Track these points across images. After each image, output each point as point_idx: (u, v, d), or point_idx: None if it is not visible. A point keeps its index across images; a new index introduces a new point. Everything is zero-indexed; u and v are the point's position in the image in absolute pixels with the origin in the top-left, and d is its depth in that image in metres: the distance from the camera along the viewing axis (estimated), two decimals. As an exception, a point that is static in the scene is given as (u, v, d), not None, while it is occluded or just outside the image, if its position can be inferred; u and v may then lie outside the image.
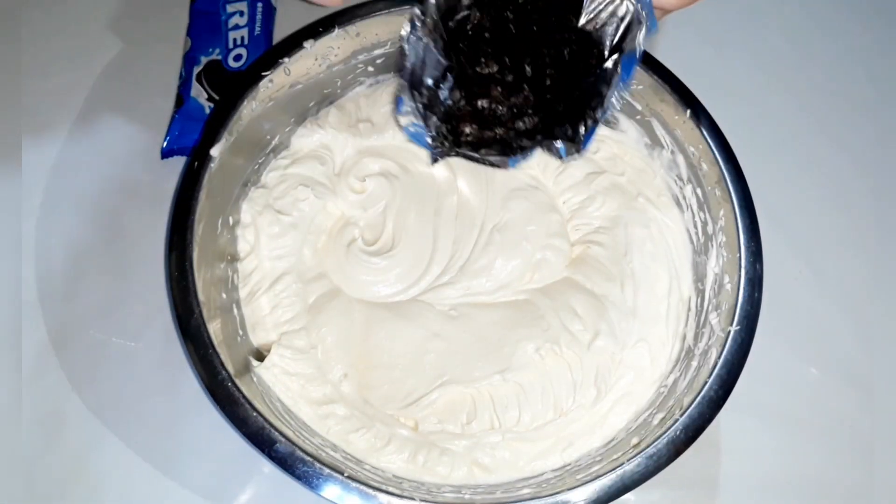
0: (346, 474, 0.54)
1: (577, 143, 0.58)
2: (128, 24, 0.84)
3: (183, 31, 0.81)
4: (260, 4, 0.81)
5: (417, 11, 0.54)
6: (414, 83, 0.57)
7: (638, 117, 0.72)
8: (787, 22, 0.91)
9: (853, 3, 0.92)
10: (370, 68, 0.73)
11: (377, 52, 0.71)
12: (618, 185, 0.73)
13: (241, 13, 0.80)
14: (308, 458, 0.54)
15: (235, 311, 0.65)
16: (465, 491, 0.59)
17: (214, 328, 0.59)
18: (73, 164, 0.77)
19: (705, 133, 0.66)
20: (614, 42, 0.57)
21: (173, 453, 0.67)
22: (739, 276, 0.62)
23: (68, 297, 0.72)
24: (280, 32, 0.82)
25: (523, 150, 0.60)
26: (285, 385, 0.62)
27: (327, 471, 0.54)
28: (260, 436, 0.55)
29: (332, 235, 0.69)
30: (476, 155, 0.60)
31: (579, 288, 0.68)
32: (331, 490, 0.54)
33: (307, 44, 0.67)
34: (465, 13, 0.57)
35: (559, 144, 0.58)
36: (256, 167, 0.70)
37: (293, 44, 0.67)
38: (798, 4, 0.92)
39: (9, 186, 0.76)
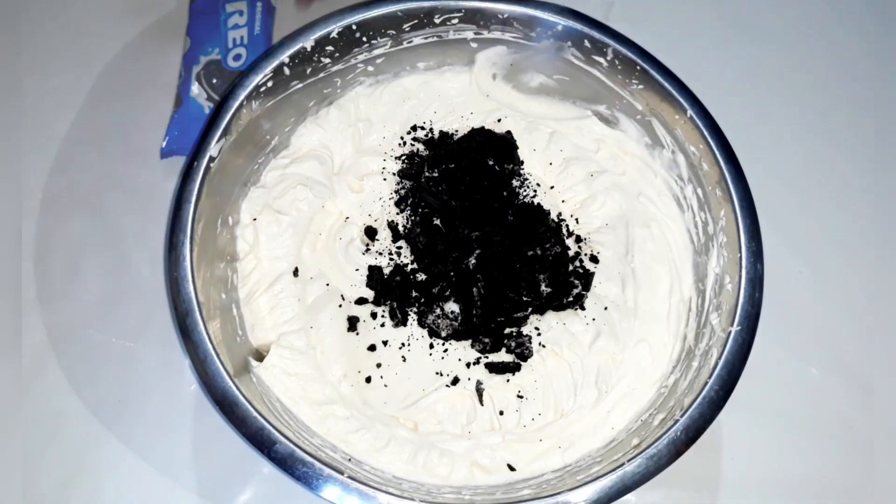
0: (345, 475, 0.54)
1: None
2: (128, 24, 0.84)
3: (183, 30, 0.81)
4: (259, 4, 0.81)
5: None
6: None
7: (638, 117, 0.72)
8: (788, 22, 0.91)
9: (854, 3, 0.92)
10: (370, 68, 0.73)
11: (377, 51, 0.71)
12: (619, 185, 0.73)
13: (241, 13, 0.80)
14: (308, 459, 0.54)
15: (235, 311, 0.65)
16: (465, 492, 0.59)
17: (214, 328, 0.59)
18: (73, 164, 0.77)
19: (706, 133, 0.66)
20: None
21: (173, 453, 0.67)
22: (740, 276, 0.62)
23: (68, 297, 0.72)
24: (280, 32, 0.82)
25: None
26: (285, 385, 0.62)
27: (327, 471, 0.54)
28: (259, 436, 0.55)
29: (331, 235, 0.69)
30: None
31: (579, 288, 0.68)
32: (330, 491, 0.54)
33: (307, 44, 0.67)
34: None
35: None
36: (256, 167, 0.70)
37: (293, 43, 0.67)
38: (799, 5, 0.92)
39: (9, 186, 0.76)
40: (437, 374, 0.64)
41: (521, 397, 0.64)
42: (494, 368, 0.64)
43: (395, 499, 0.54)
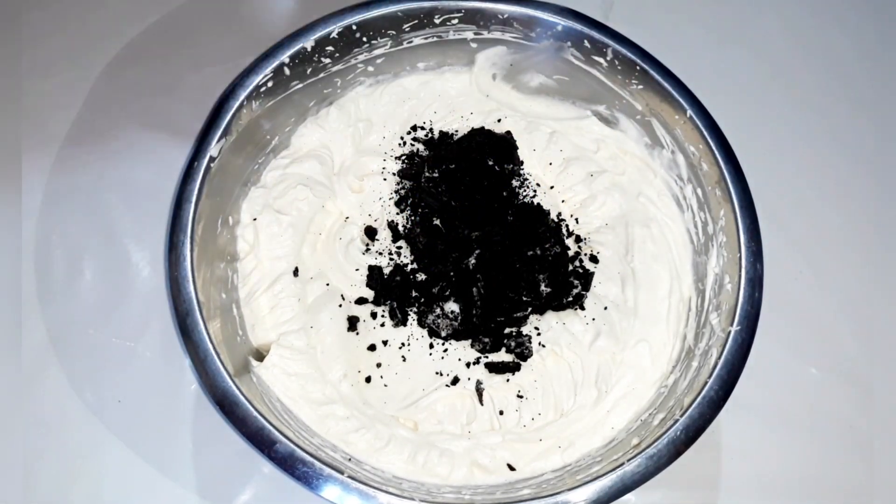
0: (345, 474, 0.54)
1: None
2: (128, 25, 0.84)
3: (183, 31, 0.81)
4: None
5: None
6: None
7: (638, 117, 0.72)
8: (788, 23, 0.91)
9: (854, 3, 0.92)
10: (370, 68, 0.73)
11: (377, 51, 0.71)
12: (618, 185, 0.73)
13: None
14: (308, 459, 0.54)
15: (235, 310, 0.65)
16: (465, 491, 0.59)
17: (214, 328, 0.59)
18: (73, 165, 0.77)
19: (705, 133, 0.66)
20: None
21: (173, 453, 0.67)
22: (740, 276, 0.62)
23: (68, 297, 0.72)
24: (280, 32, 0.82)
25: None
26: (285, 385, 0.62)
27: (327, 471, 0.54)
28: (259, 436, 0.55)
29: (331, 235, 0.69)
30: None
31: (579, 288, 0.68)
32: (331, 490, 0.54)
33: (307, 44, 0.67)
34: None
35: None
36: (256, 167, 0.70)
37: (293, 43, 0.67)
38: (798, 5, 0.92)
39: (9, 186, 0.76)
40: (437, 373, 0.64)
41: (520, 397, 0.64)
42: (494, 368, 0.64)
43: (395, 498, 0.54)
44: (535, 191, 0.72)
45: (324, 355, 0.64)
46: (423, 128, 0.75)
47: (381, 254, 0.68)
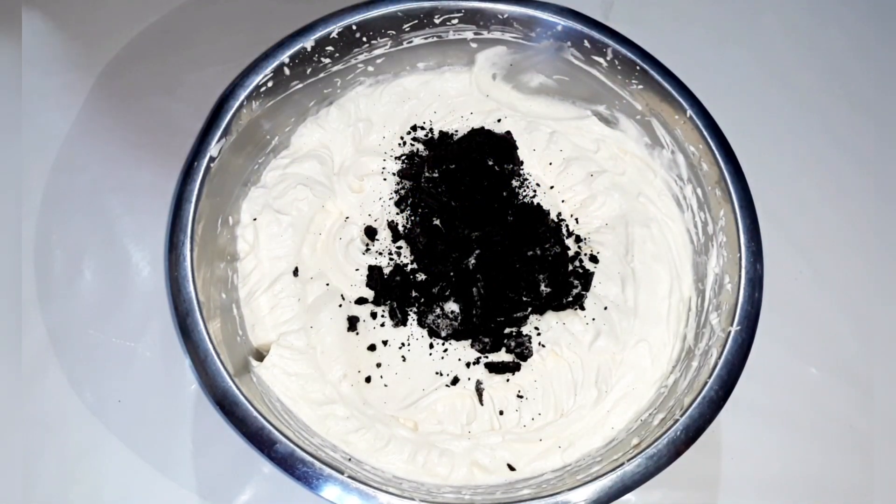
0: (345, 474, 0.54)
1: None
2: (128, 25, 0.84)
3: (183, 31, 0.81)
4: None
5: None
6: None
7: (638, 117, 0.72)
8: (788, 22, 0.91)
9: (853, 3, 0.92)
10: (370, 68, 0.73)
11: (377, 51, 0.71)
12: (618, 185, 0.73)
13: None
14: (308, 459, 0.54)
15: (235, 310, 0.65)
16: (465, 491, 0.59)
17: (214, 328, 0.59)
18: (73, 164, 0.77)
19: (705, 133, 0.66)
20: None
21: (173, 453, 0.67)
22: (740, 276, 0.62)
23: (68, 297, 0.72)
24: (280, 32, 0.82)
25: None
26: (285, 385, 0.62)
27: (327, 471, 0.54)
28: (259, 436, 0.55)
29: (331, 235, 0.69)
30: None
31: (579, 288, 0.68)
32: (331, 490, 0.54)
33: (307, 44, 0.67)
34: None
35: None
36: (256, 167, 0.70)
37: (293, 43, 0.67)
38: (798, 5, 0.92)
39: (9, 186, 0.76)
40: (436, 373, 0.64)
41: (520, 397, 0.64)
42: (494, 368, 0.64)
43: (395, 499, 0.54)
44: (535, 191, 0.72)
45: (324, 355, 0.64)
46: (423, 128, 0.75)
47: (381, 254, 0.68)
